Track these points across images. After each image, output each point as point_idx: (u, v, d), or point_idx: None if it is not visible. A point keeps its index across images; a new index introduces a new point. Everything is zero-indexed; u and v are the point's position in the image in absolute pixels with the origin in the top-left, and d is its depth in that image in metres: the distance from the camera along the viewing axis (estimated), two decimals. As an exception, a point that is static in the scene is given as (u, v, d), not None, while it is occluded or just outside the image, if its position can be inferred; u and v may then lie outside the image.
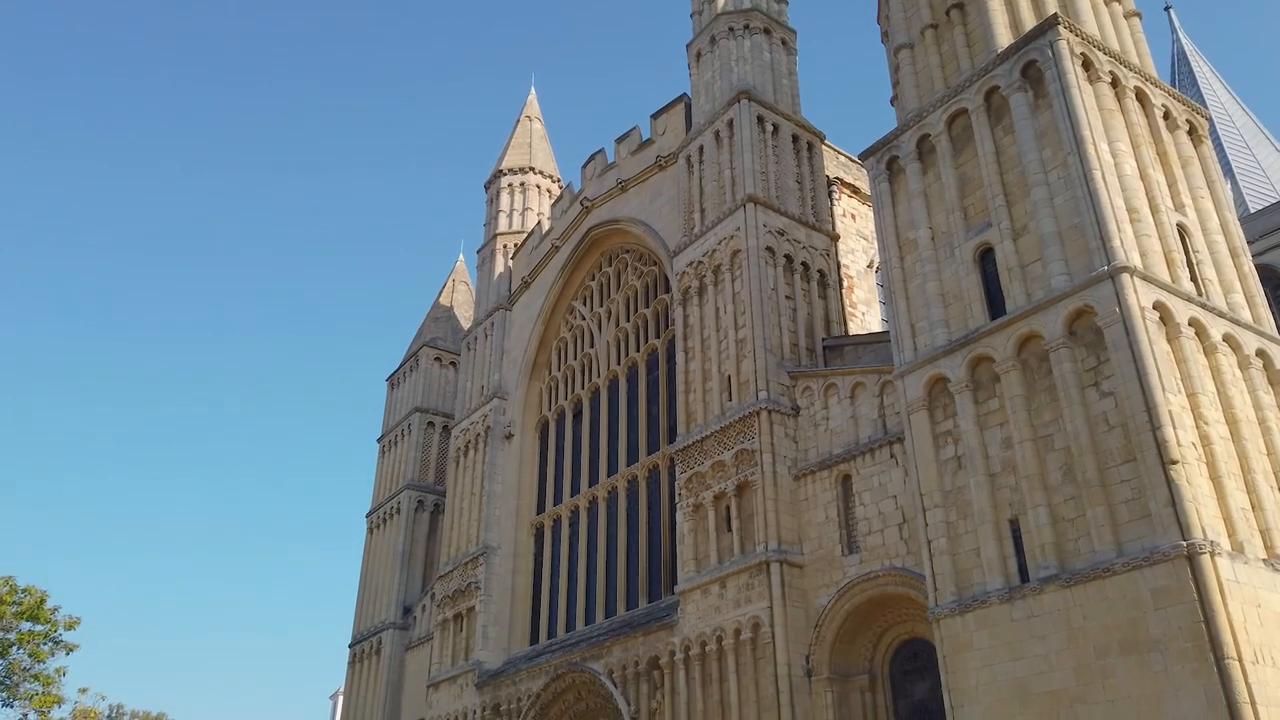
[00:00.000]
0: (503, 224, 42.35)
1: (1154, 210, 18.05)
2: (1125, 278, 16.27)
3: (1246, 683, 13.31)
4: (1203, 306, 17.27)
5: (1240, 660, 13.48)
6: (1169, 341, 16.29)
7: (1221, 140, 41.80)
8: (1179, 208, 18.90)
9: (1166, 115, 20.16)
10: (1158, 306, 16.38)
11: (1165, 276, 17.12)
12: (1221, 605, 13.77)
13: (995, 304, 18.59)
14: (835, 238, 28.28)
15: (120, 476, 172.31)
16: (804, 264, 26.85)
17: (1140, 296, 16.20)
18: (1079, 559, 15.66)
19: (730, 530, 23.64)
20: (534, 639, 32.63)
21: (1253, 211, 36.27)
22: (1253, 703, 13.19)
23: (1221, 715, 13.23)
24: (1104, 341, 16.28)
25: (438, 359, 46.40)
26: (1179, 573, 14.18)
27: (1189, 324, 16.66)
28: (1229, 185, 38.75)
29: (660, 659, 24.50)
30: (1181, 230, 18.42)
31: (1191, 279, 17.83)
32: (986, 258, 19.09)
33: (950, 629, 17.12)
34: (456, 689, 33.01)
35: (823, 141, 30.02)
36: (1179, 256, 17.75)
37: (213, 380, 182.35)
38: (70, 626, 31.03)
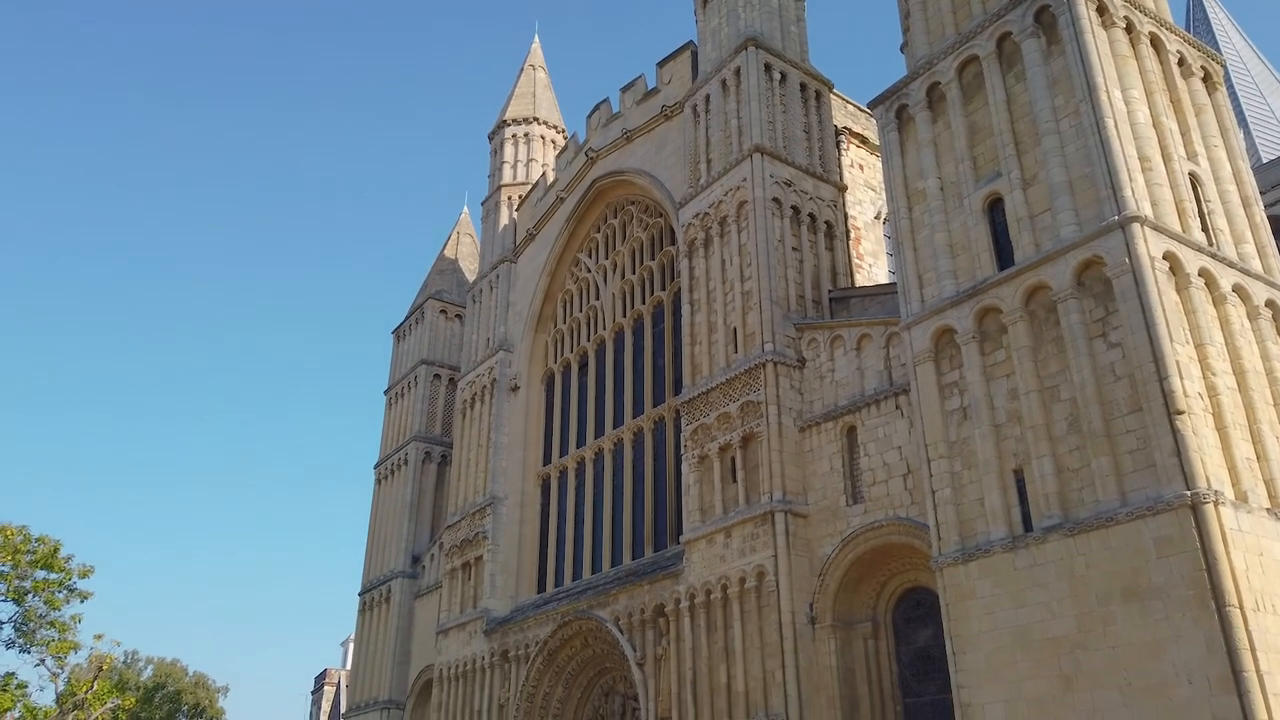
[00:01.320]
0: (507, 175, 42.06)
1: (1166, 159, 17.85)
2: (1135, 228, 16.14)
3: (1247, 629, 13.47)
4: (1213, 256, 17.16)
5: (1241, 608, 13.63)
6: (1178, 292, 16.22)
7: (1236, 88, 41.22)
8: (1191, 156, 18.68)
9: (1181, 62, 19.83)
10: (1168, 257, 16.28)
11: (1176, 226, 16.98)
12: (1224, 554, 13.89)
13: (1004, 255, 18.49)
14: (843, 188, 28.05)
15: (131, 432, 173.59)
16: (811, 215, 26.66)
17: (1150, 246, 16.09)
18: (1083, 509, 15.77)
19: (735, 481, 23.81)
20: (541, 587, 33.09)
21: (1265, 161, 35.86)
22: (1253, 649, 13.37)
23: (1221, 661, 13.42)
24: (1113, 292, 16.21)
25: (443, 312, 46.42)
26: (1182, 522, 14.29)
27: (1199, 274, 16.57)
28: (1242, 134, 38.24)
29: (666, 607, 24.85)
30: (1193, 179, 18.23)
31: (1202, 229, 17.68)
32: (996, 208, 18.95)
33: (953, 577, 17.32)
34: (465, 635, 33.57)
35: (831, 90, 29.63)
36: (1190, 206, 17.59)
37: (223, 333, 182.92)
38: (84, 575, 31.54)
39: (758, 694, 21.25)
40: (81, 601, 31.62)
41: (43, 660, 31.36)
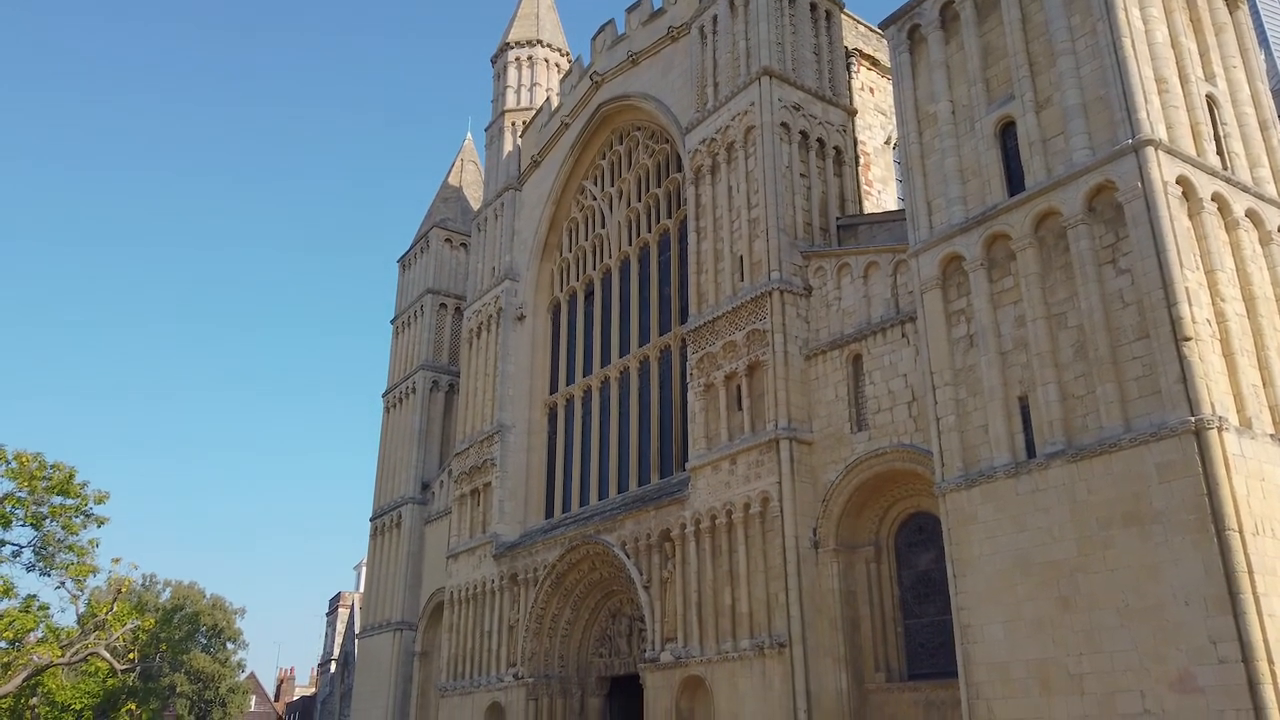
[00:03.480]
0: (510, 100, 41.34)
1: (1183, 81, 17.44)
2: (1149, 151, 15.86)
3: (1245, 553, 13.65)
4: (1227, 181, 16.89)
5: (1240, 532, 13.78)
6: (1190, 217, 16.01)
7: (1258, 5, 40.01)
8: (1209, 78, 18.25)
9: (1203, -22, 19.23)
10: (1181, 181, 16.03)
11: (1191, 150, 16.68)
12: (1226, 479, 13.99)
13: (1014, 180, 18.23)
14: (852, 112, 27.53)
15: (142, 368, 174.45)
16: (820, 140, 26.23)
17: (1164, 171, 15.83)
18: (1086, 435, 15.84)
19: (741, 409, 23.93)
20: (549, 513, 33.58)
21: (1286, 84, 35.03)
22: (1250, 571, 13.56)
23: (1218, 583, 13.63)
24: (1124, 218, 16.02)
25: (448, 240, 46.17)
26: (1185, 448, 14.36)
27: (1212, 199, 16.34)
28: (1263, 55, 37.29)
29: (671, 532, 25.23)
30: (1210, 101, 17.84)
31: (1217, 152, 17.37)
32: (1008, 132, 18.61)
33: (956, 503, 17.51)
34: (475, 559, 34.22)
35: (842, 10, 28.87)
36: (1206, 129, 17.25)
37: (233, 259, 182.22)
38: (100, 501, 32.05)
39: (761, 616, 21.71)
40: (98, 526, 32.19)
41: (63, 583, 32.12)
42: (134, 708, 40.29)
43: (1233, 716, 13.17)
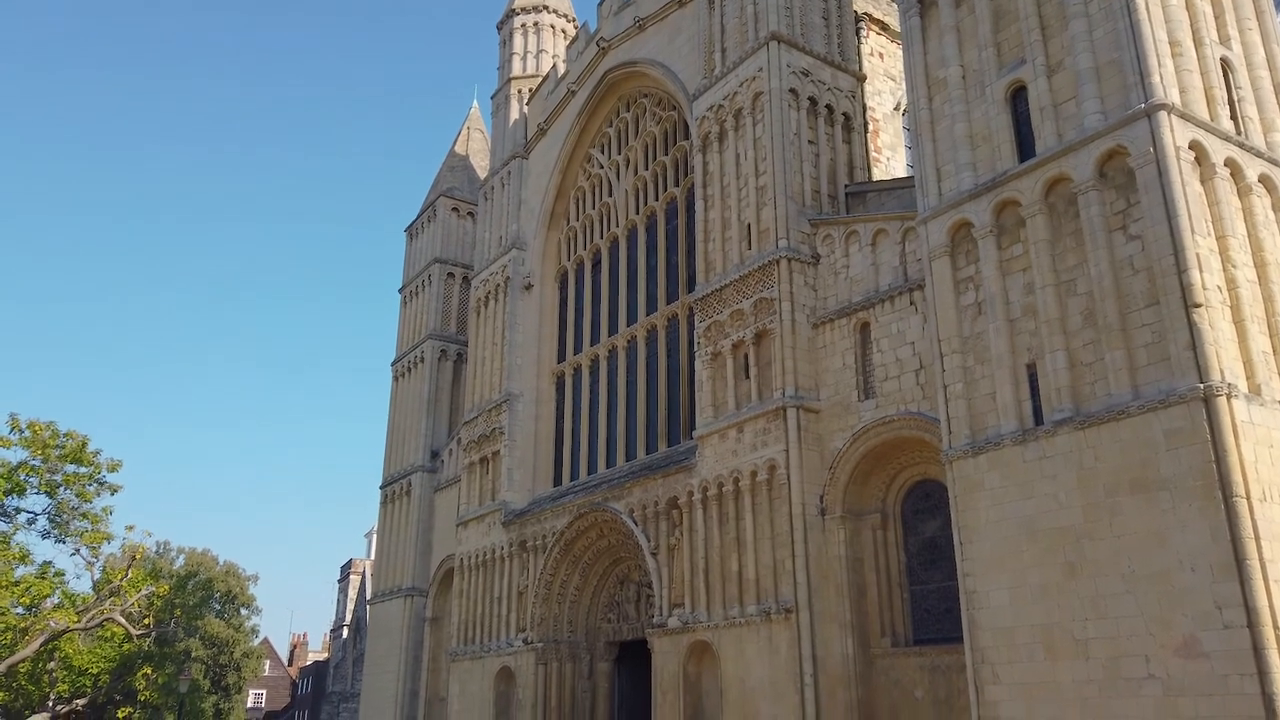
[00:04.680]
0: (516, 67, 41.01)
1: (1198, 44, 17.19)
2: (1162, 115, 15.68)
3: (1252, 519, 13.67)
4: (1240, 146, 16.70)
5: (1248, 498, 13.79)
6: (1202, 183, 15.86)
7: (1277, -31, 39.24)
8: (1224, 40, 17.99)
9: (1219, -63, 18.88)
10: (1193, 146, 15.86)
11: (1204, 114, 16.48)
12: (1234, 445, 13.98)
13: (1025, 146, 18.06)
14: (862, 78, 27.25)
15: (152, 337, 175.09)
16: (828, 107, 25.99)
17: (1176, 136, 15.66)
18: (1094, 402, 15.83)
19: (748, 377, 23.96)
20: (557, 481, 33.79)
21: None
22: (1257, 537, 13.59)
23: (1225, 549, 13.67)
24: (1135, 183, 15.88)
25: (455, 209, 46.05)
26: (1194, 414, 14.34)
27: (1224, 164, 16.17)
28: (1279, 17, 36.64)
29: (679, 499, 25.37)
30: (1225, 65, 17.60)
31: (1231, 117, 17.16)
32: (1019, 97, 18.41)
33: (962, 470, 17.55)
34: (484, 527, 34.51)
35: (851, -26, 28.47)
36: (1220, 93, 17.03)
37: (242, 225, 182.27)
38: (113, 469, 32.39)
39: (768, 582, 21.88)
40: (112, 494, 32.57)
41: (78, 550, 32.54)
42: (150, 672, 40.92)
43: (1237, 681, 13.27)
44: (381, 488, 44.56)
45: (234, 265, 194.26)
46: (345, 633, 73.30)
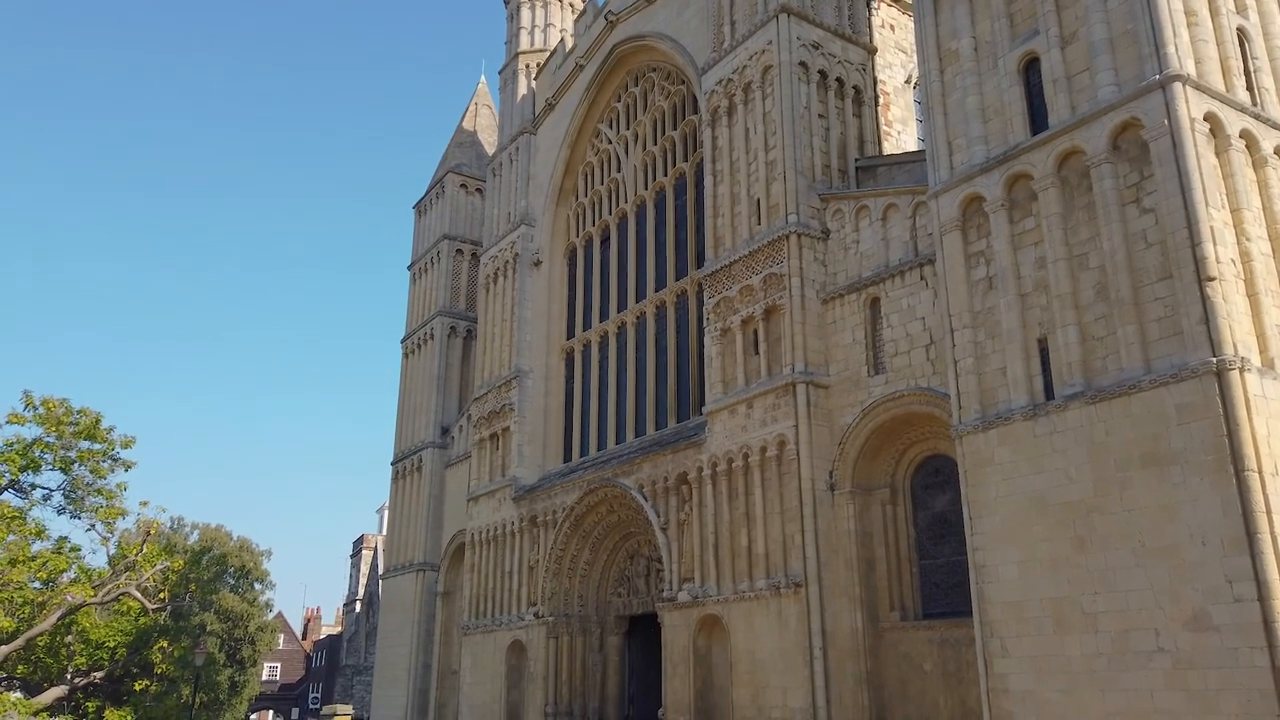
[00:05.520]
0: (524, 42, 40.75)
1: (1214, 13, 16.94)
2: (1177, 87, 15.50)
3: (1264, 493, 13.63)
4: (1256, 117, 16.50)
5: (1260, 472, 13.75)
6: (1217, 155, 15.69)
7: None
8: (1241, 10, 17.72)
9: (1238, -95, 18.56)
10: (1208, 118, 15.68)
11: (1220, 85, 16.27)
12: (1246, 420, 13.93)
13: (1038, 119, 17.88)
14: (872, 51, 26.98)
15: (166, 320, 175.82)
16: (839, 80, 25.77)
17: (1191, 107, 15.47)
18: (1106, 376, 15.77)
19: (757, 353, 23.94)
20: (567, 457, 33.92)
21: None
22: (1269, 511, 13.56)
23: (1236, 523, 13.65)
24: (1149, 156, 15.72)
25: (463, 185, 45.96)
26: (1206, 389, 14.28)
27: (1239, 136, 15.98)
28: (1298, -12, 36.01)
29: (688, 474, 25.45)
30: (1241, 34, 17.36)
31: (1247, 88, 16.94)
32: (1031, 69, 18.21)
33: (972, 445, 17.54)
34: (495, 502, 34.71)
35: (862, -56, 28.11)
36: (1236, 64, 16.80)
37: (253, 199, 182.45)
38: (126, 445, 32.64)
39: (777, 556, 21.97)
40: (125, 471, 32.86)
41: (93, 526, 32.89)
42: (166, 645, 41.44)
43: (1247, 654, 13.30)
44: (393, 464, 44.82)
45: (243, 241, 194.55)
46: (358, 607, 74.03)
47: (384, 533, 57.47)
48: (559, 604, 30.53)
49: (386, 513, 48.67)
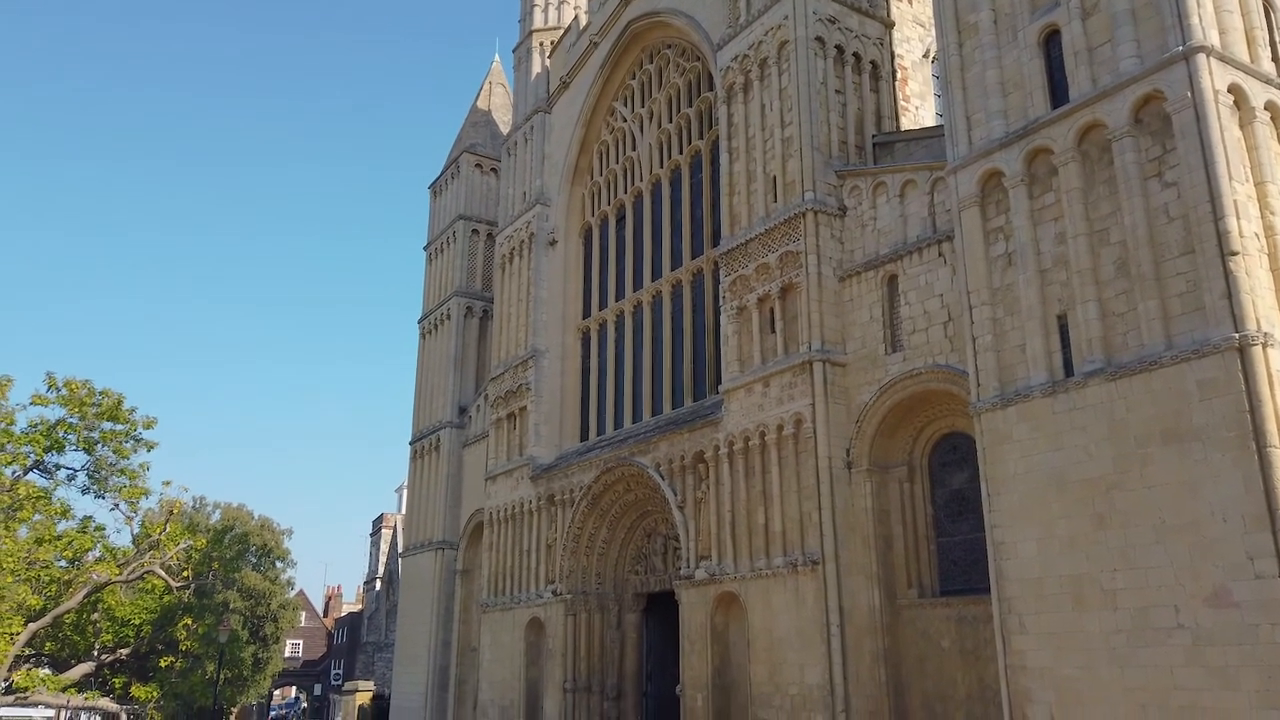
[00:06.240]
0: (538, 19, 40.52)
1: (1239, -17, 16.64)
2: (1201, 58, 15.25)
3: (1286, 469, 13.51)
4: (1281, 89, 16.23)
5: (1282, 448, 13.62)
6: (1241, 127, 15.45)
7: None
8: (1268, -22, 17.39)
9: None
10: (1233, 89, 15.43)
11: (1244, 56, 16.00)
12: (1269, 396, 13.79)
13: (1058, 92, 17.64)
14: (890, 25, 26.67)
15: (182, 305, 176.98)
16: (856, 55, 25.50)
17: (1215, 79, 15.23)
18: (1126, 353, 15.64)
19: (774, 332, 23.87)
20: (584, 436, 34.01)
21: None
22: (1289, 488, 13.45)
23: (1258, 500, 13.55)
24: (1171, 129, 15.50)
25: (478, 165, 45.89)
26: (1228, 365, 14.14)
27: (1264, 108, 15.72)
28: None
29: (705, 453, 25.48)
30: (1266, 4, 17.03)
31: (1272, 59, 16.63)
32: (1052, 41, 17.96)
33: (991, 422, 17.47)
34: (512, 481, 34.89)
35: (879, -84, 27.73)
36: (1261, 34, 16.51)
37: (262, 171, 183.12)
38: (148, 426, 32.96)
39: (794, 534, 22.01)
40: (148, 451, 33.19)
41: (116, 505, 33.27)
42: (190, 622, 42.02)
43: (1268, 630, 13.24)
44: (411, 444, 45.10)
45: (266, 219, 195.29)
46: (378, 585, 74.77)
47: (403, 512, 57.98)
48: (577, 582, 30.73)
49: (405, 492, 49.04)
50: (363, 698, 56.43)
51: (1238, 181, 14.87)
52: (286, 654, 74.79)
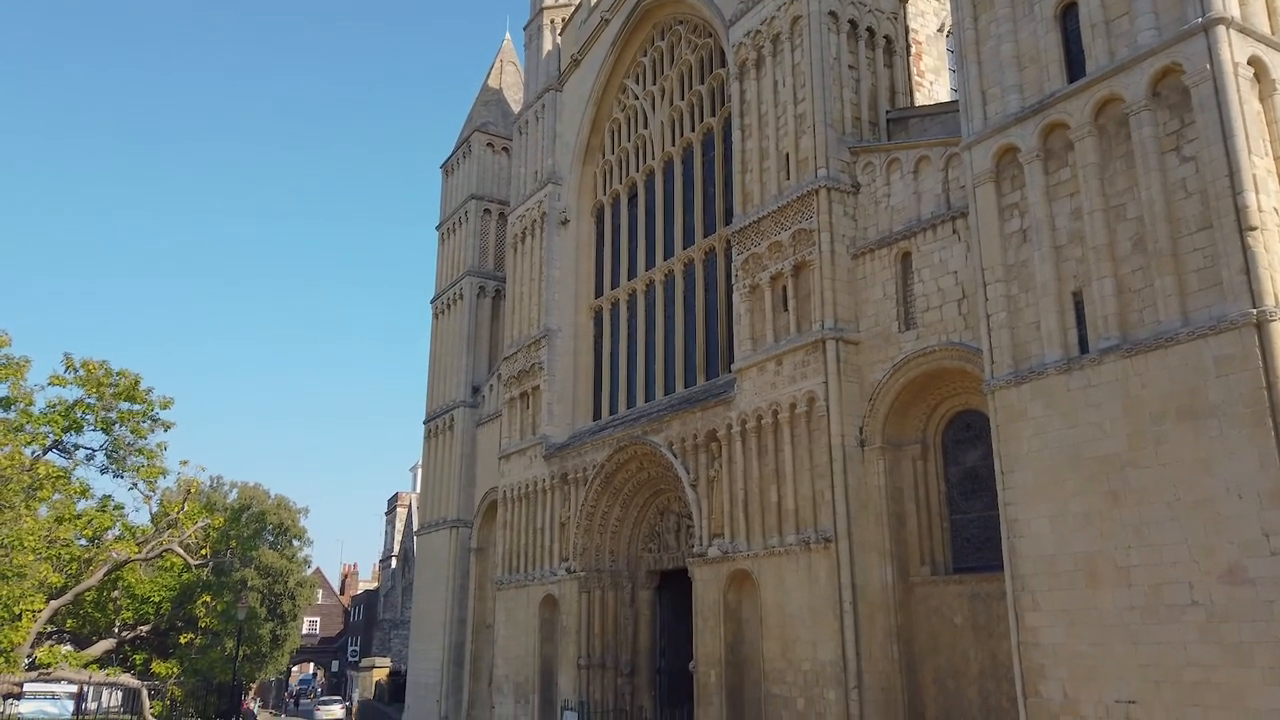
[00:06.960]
0: (549, -4, 40.26)
1: (1261, -48, 16.35)
2: (1220, 30, 15.01)
3: (1302, 446, 13.42)
4: (1303, 61, 15.96)
5: (1298, 425, 13.52)
6: (1261, 100, 15.22)
7: None
8: (1290, -51, 17.07)
9: None
10: (1253, 62, 15.19)
11: (1265, 28, 15.75)
12: (1286, 372, 13.67)
13: (1075, 66, 17.41)
14: (904, -1, 26.37)
15: (199, 285, 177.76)
16: (869, 29, 25.25)
17: (1235, 51, 14.99)
18: (1142, 329, 15.53)
19: (787, 310, 23.81)
20: (596, 415, 34.10)
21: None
22: (1306, 465, 13.36)
23: (1274, 476, 13.45)
24: (1190, 102, 15.29)
25: (490, 144, 45.76)
26: (1245, 340, 14.01)
27: (1286, 81, 15.49)
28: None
29: (718, 432, 25.51)
30: (1290, -26, 16.74)
31: (1294, 30, 16.38)
32: (1069, 14, 17.70)
33: (1005, 399, 17.40)
34: (526, 460, 35.04)
35: (894, -112, 27.34)
36: (1284, 5, 16.23)
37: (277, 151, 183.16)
38: (165, 406, 33.29)
39: (807, 512, 22.04)
40: (165, 431, 33.54)
41: (135, 485, 33.67)
42: (209, 600, 42.55)
43: (1282, 607, 13.20)
44: (425, 423, 45.32)
45: (279, 199, 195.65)
46: (394, 563, 75.42)
47: (417, 490, 58.34)
48: (590, 559, 30.91)
49: (420, 471, 49.34)
50: (380, 673, 57.01)
51: (1257, 155, 14.67)
52: (304, 631, 75.65)
